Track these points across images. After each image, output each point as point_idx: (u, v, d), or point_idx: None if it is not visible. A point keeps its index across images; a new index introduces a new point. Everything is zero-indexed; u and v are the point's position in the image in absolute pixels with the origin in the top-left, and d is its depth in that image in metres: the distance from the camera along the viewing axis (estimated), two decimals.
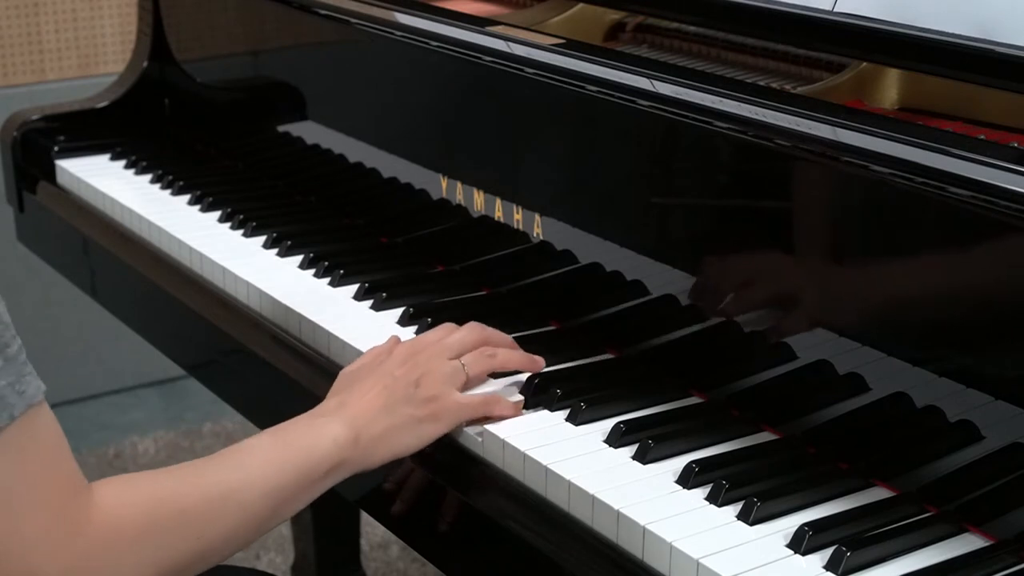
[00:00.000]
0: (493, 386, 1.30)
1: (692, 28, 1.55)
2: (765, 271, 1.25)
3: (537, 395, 1.28)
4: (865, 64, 1.32)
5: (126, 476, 1.11)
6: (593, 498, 1.12)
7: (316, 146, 1.82)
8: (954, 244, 1.09)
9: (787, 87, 1.37)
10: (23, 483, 1.00)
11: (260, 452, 1.17)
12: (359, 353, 1.36)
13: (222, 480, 1.13)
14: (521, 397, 1.28)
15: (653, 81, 1.33)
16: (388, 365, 1.26)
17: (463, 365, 1.26)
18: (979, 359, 1.11)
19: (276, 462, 1.16)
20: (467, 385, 1.27)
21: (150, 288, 1.74)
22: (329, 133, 1.78)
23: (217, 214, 1.79)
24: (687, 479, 1.13)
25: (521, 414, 1.26)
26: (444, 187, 1.57)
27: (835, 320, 1.20)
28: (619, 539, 1.10)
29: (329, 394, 1.27)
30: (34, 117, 2.10)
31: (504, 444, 1.21)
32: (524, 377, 1.30)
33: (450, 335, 1.30)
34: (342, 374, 1.30)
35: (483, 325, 1.32)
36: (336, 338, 1.43)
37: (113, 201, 1.88)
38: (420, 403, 1.23)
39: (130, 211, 1.83)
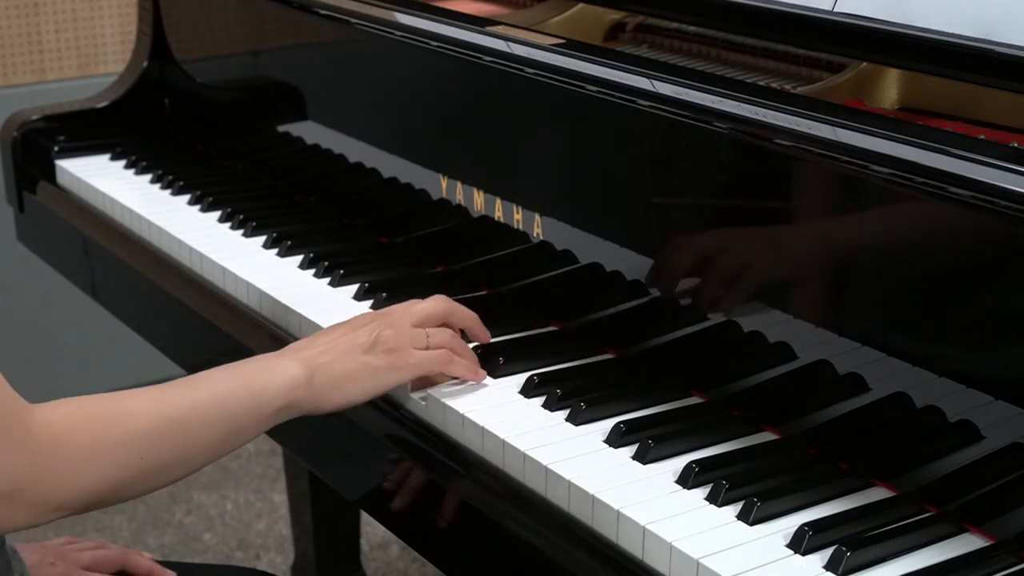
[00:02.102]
0: (490, 385, 1.30)
1: (692, 28, 1.55)
2: (765, 271, 1.25)
3: (538, 393, 1.28)
4: (865, 64, 1.32)
5: (76, 398, 1.15)
6: (593, 498, 1.12)
7: (316, 146, 1.82)
8: (954, 244, 1.09)
9: (787, 87, 1.37)
10: None
11: (213, 382, 1.21)
12: None
13: (172, 405, 1.18)
14: (483, 373, 1.31)
15: (653, 81, 1.33)
16: (355, 320, 1.31)
17: (427, 334, 1.30)
18: (979, 359, 1.11)
19: (228, 393, 1.20)
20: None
21: (150, 288, 1.74)
22: (329, 133, 1.79)
23: (217, 214, 1.79)
24: (687, 479, 1.13)
25: (482, 380, 1.30)
26: (444, 187, 1.57)
27: (835, 320, 1.20)
28: (619, 539, 1.10)
29: (293, 343, 1.31)
30: (34, 117, 2.10)
31: (504, 444, 1.21)
32: (524, 378, 1.31)
33: (417, 303, 1.34)
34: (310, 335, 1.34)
35: (448, 298, 1.35)
36: None
37: (113, 201, 1.88)
38: (380, 353, 1.26)
39: (130, 211, 1.84)
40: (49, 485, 1.10)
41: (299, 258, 1.63)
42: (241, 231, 1.74)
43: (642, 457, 1.17)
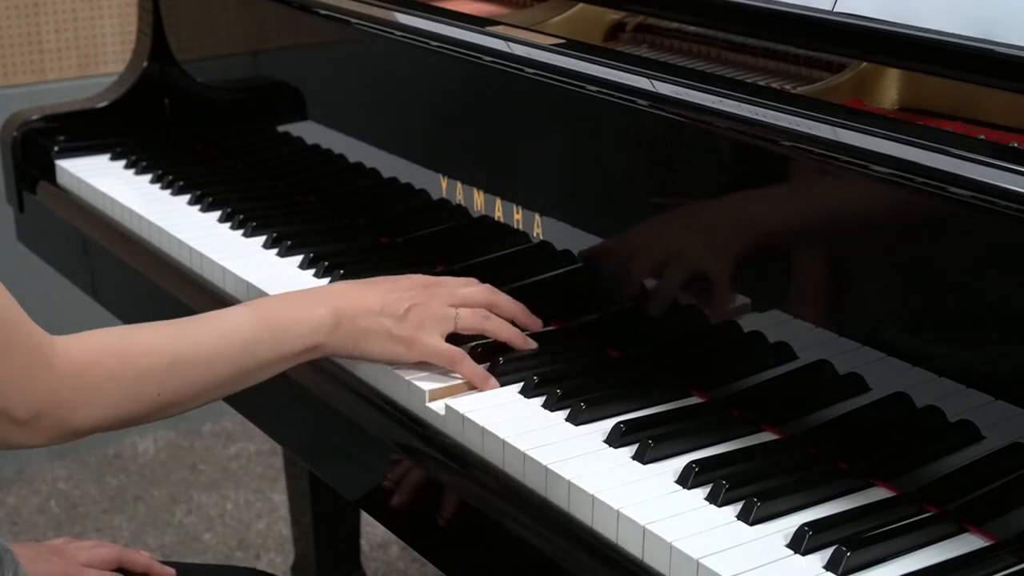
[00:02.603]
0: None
1: (692, 28, 1.55)
2: (764, 271, 1.25)
3: (537, 393, 1.28)
4: (865, 64, 1.32)
5: (97, 331, 1.20)
6: (593, 498, 1.12)
7: (316, 146, 1.82)
8: (954, 244, 1.09)
9: (787, 87, 1.37)
10: None
11: (238, 322, 1.25)
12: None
13: (192, 344, 1.22)
14: (495, 382, 1.31)
15: (653, 81, 1.33)
16: (400, 282, 1.35)
17: (456, 315, 1.32)
18: (979, 359, 1.11)
19: (252, 335, 1.24)
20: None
21: (150, 288, 1.74)
22: (329, 133, 1.79)
23: (217, 214, 1.79)
24: (687, 479, 1.13)
25: (492, 386, 1.30)
26: (444, 187, 1.57)
27: (835, 320, 1.20)
28: (619, 539, 1.10)
29: (337, 283, 1.37)
30: (34, 117, 2.10)
31: (504, 444, 1.21)
32: (524, 377, 1.31)
33: (467, 285, 1.37)
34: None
35: (496, 290, 1.38)
36: None
37: (113, 201, 1.88)
38: (403, 324, 1.30)
39: (130, 211, 1.84)
40: (67, 413, 1.15)
41: (299, 258, 1.63)
42: (241, 231, 1.74)
43: (642, 457, 1.17)
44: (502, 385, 1.31)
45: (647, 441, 1.18)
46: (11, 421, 1.13)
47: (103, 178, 1.96)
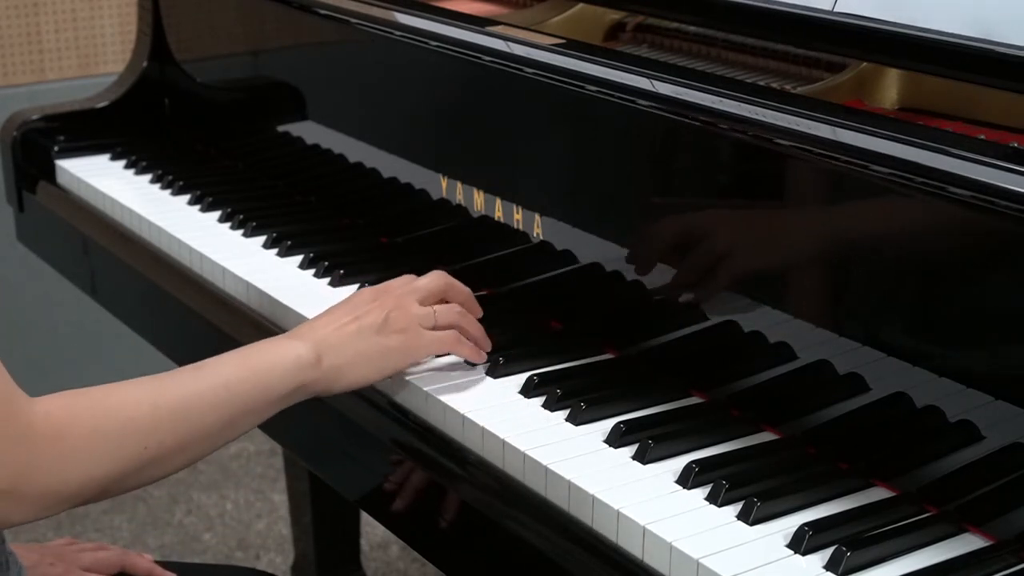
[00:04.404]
0: (490, 385, 1.31)
1: (692, 28, 1.55)
2: (764, 271, 1.25)
3: (538, 393, 1.28)
4: (865, 64, 1.32)
5: (75, 390, 1.14)
6: (593, 498, 1.12)
7: (316, 146, 1.82)
8: (954, 244, 1.09)
9: (787, 87, 1.37)
10: None
11: (219, 367, 1.20)
12: None
13: (174, 393, 1.16)
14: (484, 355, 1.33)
15: (653, 81, 1.33)
16: (359, 299, 1.30)
17: (435, 312, 1.30)
18: (979, 359, 1.11)
19: (234, 378, 1.19)
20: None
21: (150, 288, 1.74)
22: (329, 133, 1.78)
23: (217, 214, 1.79)
24: (687, 479, 1.13)
25: (483, 359, 1.32)
26: (444, 187, 1.57)
27: (835, 320, 1.20)
28: (619, 539, 1.10)
29: (298, 326, 1.30)
30: (34, 117, 2.10)
31: (504, 444, 1.21)
32: (524, 378, 1.31)
33: (417, 279, 1.34)
34: (311, 318, 1.33)
35: (445, 273, 1.36)
36: None
37: (113, 201, 1.88)
38: (392, 333, 1.27)
39: (130, 211, 1.84)
40: (50, 478, 1.08)
41: (299, 258, 1.63)
42: (241, 231, 1.74)
43: (642, 457, 1.17)
44: (496, 378, 1.32)
45: (647, 441, 1.18)
46: None
47: (103, 178, 1.96)
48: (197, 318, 1.64)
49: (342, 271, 1.57)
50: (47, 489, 1.08)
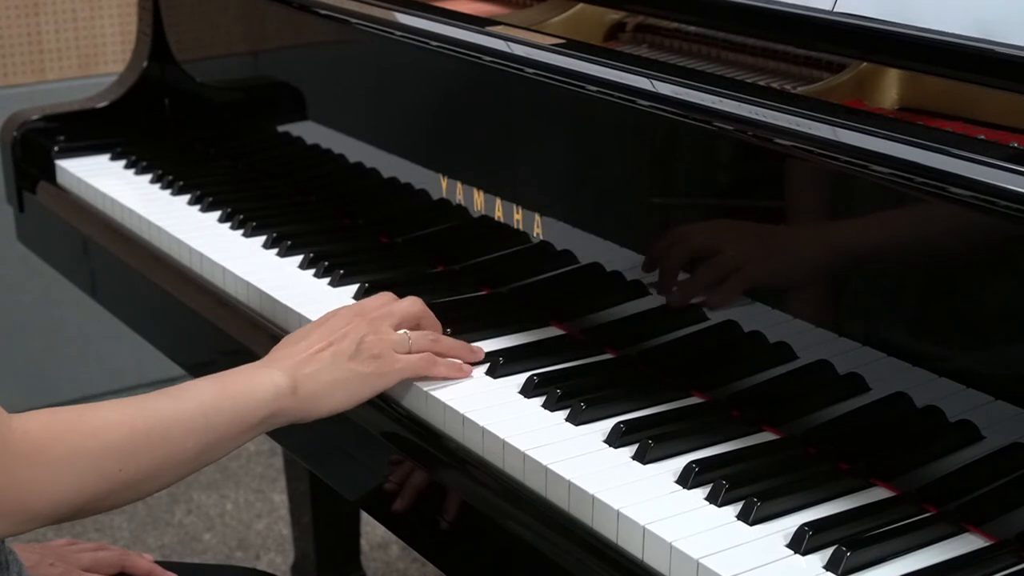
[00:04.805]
0: (490, 385, 1.31)
1: (692, 28, 1.55)
2: (764, 271, 1.25)
3: (537, 393, 1.28)
4: (865, 64, 1.32)
5: (54, 408, 1.14)
6: (593, 498, 1.12)
7: (316, 146, 1.82)
8: (954, 244, 1.09)
9: (787, 87, 1.37)
10: None
11: (196, 393, 1.20)
12: None
13: (151, 416, 1.16)
14: (469, 369, 1.33)
15: (653, 81, 1.33)
16: (333, 322, 1.31)
17: (409, 338, 1.30)
18: (979, 359, 1.11)
19: (210, 404, 1.19)
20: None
21: (150, 288, 1.74)
22: (329, 133, 1.78)
23: (217, 214, 1.79)
24: (687, 479, 1.13)
25: (467, 375, 1.31)
26: (444, 187, 1.57)
27: (835, 320, 1.20)
28: (619, 539, 1.10)
29: (273, 350, 1.30)
30: (34, 117, 2.10)
31: (504, 444, 1.21)
32: (524, 378, 1.31)
33: (393, 302, 1.34)
34: (286, 337, 1.33)
35: (421, 300, 1.36)
36: None
37: (113, 201, 1.88)
38: (366, 359, 1.27)
39: (130, 211, 1.84)
40: (25, 495, 1.08)
41: (299, 258, 1.63)
42: (241, 231, 1.74)
43: (642, 457, 1.17)
44: (496, 378, 1.31)
45: (647, 441, 1.18)
46: None
47: (103, 178, 1.96)
48: (197, 318, 1.64)
49: (342, 271, 1.57)
50: (20, 506, 1.08)
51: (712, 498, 1.11)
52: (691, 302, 1.31)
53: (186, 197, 1.86)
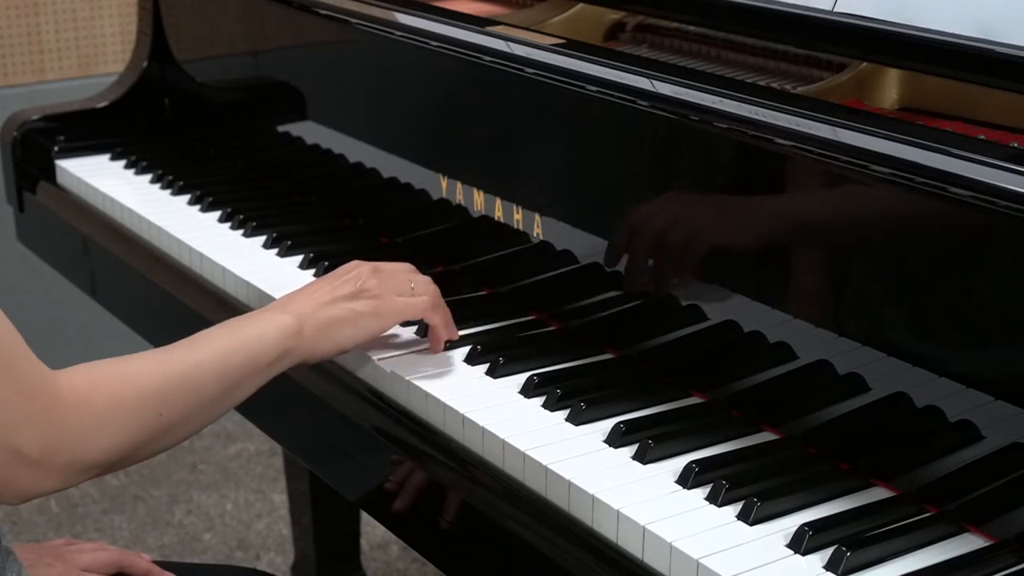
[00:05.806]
0: (490, 385, 1.31)
1: (692, 28, 1.55)
2: (764, 270, 1.25)
3: (538, 393, 1.28)
4: (865, 64, 1.32)
5: (90, 363, 1.20)
6: (593, 498, 1.12)
7: (316, 146, 1.82)
8: (954, 244, 1.09)
9: (787, 87, 1.38)
10: None
11: (212, 340, 1.26)
12: (359, 353, 1.36)
13: (178, 363, 1.22)
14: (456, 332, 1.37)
15: (653, 81, 1.33)
16: (342, 269, 1.36)
17: (411, 282, 1.35)
18: (979, 359, 1.11)
19: (226, 348, 1.25)
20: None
21: (150, 288, 1.74)
22: (329, 133, 1.79)
23: (217, 214, 1.79)
24: (687, 479, 1.13)
25: (456, 336, 1.36)
26: (444, 187, 1.57)
27: (835, 320, 1.20)
28: (619, 539, 1.10)
29: (282, 296, 1.36)
30: (34, 117, 2.10)
31: (504, 444, 1.21)
32: (524, 378, 1.31)
33: (410, 270, 1.38)
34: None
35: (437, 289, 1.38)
36: None
37: (113, 201, 1.88)
38: (363, 300, 1.32)
39: (130, 211, 1.84)
40: (76, 446, 1.13)
41: (299, 258, 1.63)
42: (241, 231, 1.74)
43: (642, 457, 1.17)
44: (496, 377, 1.31)
45: (647, 441, 1.18)
46: (24, 461, 1.10)
47: (103, 178, 1.96)
48: (197, 318, 1.64)
49: None
50: (73, 458, 1.13)
51: (712, 498, 1.11)
52: (691, 300, 1.31)
53: (186, 197, 1.86)
